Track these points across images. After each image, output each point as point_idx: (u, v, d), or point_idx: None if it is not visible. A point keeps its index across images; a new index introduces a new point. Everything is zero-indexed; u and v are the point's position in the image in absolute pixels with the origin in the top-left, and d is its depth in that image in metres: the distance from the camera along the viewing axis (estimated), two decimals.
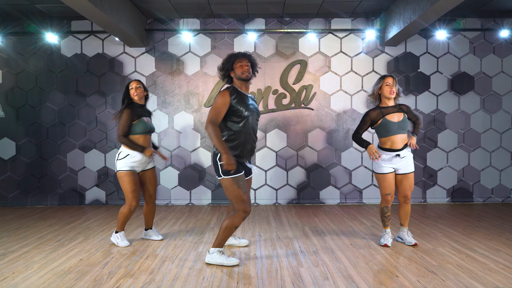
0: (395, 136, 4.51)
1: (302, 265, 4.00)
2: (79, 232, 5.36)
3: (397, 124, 4.50)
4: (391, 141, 4.53)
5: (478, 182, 7.50)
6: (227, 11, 7.04)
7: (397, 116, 4.53)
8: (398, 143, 4.51)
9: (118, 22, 6.00)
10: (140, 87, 4.78)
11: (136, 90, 4.74)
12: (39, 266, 3.98)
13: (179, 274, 3.75)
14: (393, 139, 4.52)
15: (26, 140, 7.40)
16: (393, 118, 4.52)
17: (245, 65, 4.01)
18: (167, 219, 6.20)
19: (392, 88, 4.53)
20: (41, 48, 7.36)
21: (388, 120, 4.51)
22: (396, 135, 4.50)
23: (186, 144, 7.41)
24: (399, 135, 4.51)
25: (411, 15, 6.00)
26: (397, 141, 4.51)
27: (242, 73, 3.99)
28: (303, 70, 7.36)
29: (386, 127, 4.52)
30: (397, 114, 4.54)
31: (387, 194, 4.59)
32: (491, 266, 3.91)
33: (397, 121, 4.51)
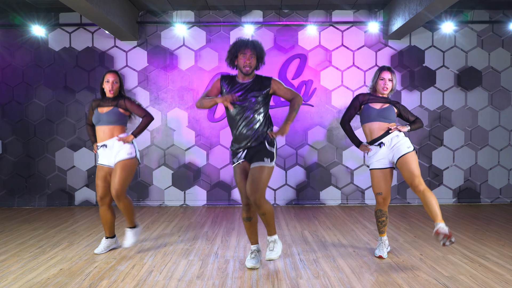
0: (373, 123, 4.17)
1: (302, 276, 3.67)
2: (63, 237, 5.03)
3: (377, 110, 4.17)
4: (369, 130, 4.21)
5: (486, 182, 7.18)
6: (222, 3, 6.70)
7: (380, 104, 4.21)
8: (375, 131, 4.17)
9: (106, 14, 5.66)
10: (117, 82, 4.37)
11: (112, 86, 4.34)
12: (14, 277, 3.65)
13: (166, 286, 3.42)
14: (371, 126, 4.19)
15: (13, 138, 7.07)
16: (376, 105, 4.21)
17: (247, 58, 3.81)
18: (159, 222, 5.88)
19: (386, 84, 4.20)
20: (28, 42, 7.02)
21: (370, 106, 4.22)
22: (374, 122, 4.17)
23: (180, 142, 7.08)
24: (378, 123, 4.16)
25: (417, 7, 5.68)
26: (374, 129, 4.17)
27: (243, 67, 3.83)
28: (302, 64, 7.02)
29: (366, 113, 4.23)
30: (381, 103, 4.22)
31: (377, 193, 4.20)
32: (508, 278, 3.57)
33: (378, 108, 4.19)
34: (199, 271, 3.81)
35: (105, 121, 4.32)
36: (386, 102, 4.23)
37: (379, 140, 4.15)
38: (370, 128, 4.21)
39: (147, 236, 5.08)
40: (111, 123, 4.33)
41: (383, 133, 4.16)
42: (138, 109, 4.44)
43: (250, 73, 3.88)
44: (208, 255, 4.31)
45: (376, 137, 4.17)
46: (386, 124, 4.17)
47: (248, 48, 3.82)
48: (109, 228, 4.44)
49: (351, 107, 4.37)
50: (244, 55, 3.81)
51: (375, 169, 4.21)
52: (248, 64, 3.81)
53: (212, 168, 7.10)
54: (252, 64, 3.84)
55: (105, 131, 4.33)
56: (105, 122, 4.32)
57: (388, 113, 4.18)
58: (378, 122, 4.17)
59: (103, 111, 4.34)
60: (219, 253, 4.36)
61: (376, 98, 4.27)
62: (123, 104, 4.37)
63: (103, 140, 4.34)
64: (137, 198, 7.09)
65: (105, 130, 4.33)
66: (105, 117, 4.32)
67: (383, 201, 4.20)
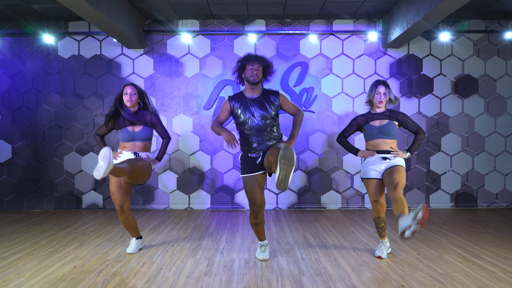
0: (376, 140, 4.38)
1: (304, 273, 3.86)
2: (74, 238, 5.22)
3: (377, 128, 4.38)
4: (372, 145, 4.42)
5: (483, 187, 7.37)
6: (227, 12, 6.92)
7: (379, 121, 4.41)
8: (379, 146, 4.37)
9: (115, 23, 5.88)
10: (135, 93, 4.53)
11: (130, 97, 4.50)
12: (31, 273, 3.84)
13: (176, 282, 3.61)
14: (374, 143, 4.40)
15: (22, 143, 7.27)
16: (375, 122, 4.42)
17: (255, 69, 4.10)
18: (165, 224, 6.06)
19: (381, 98, 4.40)
20: (38, 49, 7.24)
21: (370, 124, 4.43)
22: (376, 140, 4.38)
23: (185, 147, 7.28)
24: (381, 140, 4.36)
25: (415, 17, 5.88)
26: (378, 144, 4.37)
27: (250, 76, 4.09)
28: (304, 72, 7.23)
29: (367, 131, 4.46)
30: (380, 120, 4.42)
31: (374, 201, 4.37)
32: (500, 275, 3.76)
33: (378, 125, 4.39)
34: (207, 268, 4.00)
35: (141, 137, 4.51)
36: (385, 118, 4.41)
37: (385, 154, 4.34)
38: (373, 144, 4.42)
39: (155, 237, 5.27)
40: (146, 139, 4.56)
41: (388, 149, 4.35)
42: (162, 129, 4.68)
43: (257, 83, 4.13)
44: (214, 254, 4.50)
45: (381, 150, 4.36)
46: (391, 142, 4.37)
47: (257, 61, 4.12)
48: (135, 231, 4.64)
49: (349, 126, 4.60)
50: (252, 66, 4.10)
51: (370, 179, 4.39)
52: (255, 74, 4.10)
53: (216, 172, 7.29)
54: (259, 76, 4.12)
55: (138, 145, 4.50)
56: (141, 139, 4.51)
57: (388, 129, 4.37)
58: (380, 139, 4.37)
59: (136, 130, 4.51)
60: (225, 253, 4.55)
61: (374, 115, 4.46)
62: (150, 120, 4.58)
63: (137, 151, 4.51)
64: (143, 202, 7.27)
65: (139, 144, 4.51)
66: (140, 135, 4.50)
67: (381, 208, 4.37)
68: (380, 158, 4.35)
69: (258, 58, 4.14)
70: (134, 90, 4.54)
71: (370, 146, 4.46)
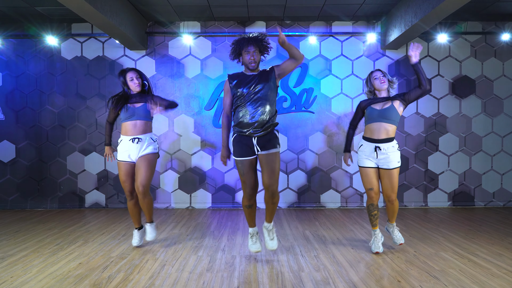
0: (374, 123, 4.40)
1: (303, 269, 3.96)
2: (78, 236, 5.33)
3: (378, 111, 4.39)
4: (370, 129, 4.44)
5: (480, 186, 7.47)
6: (227, 14, 7.02)
7: (381, 105, 4.44)
8: (376, 132, 4.38)
9: (118, 25, 5.99)
10: (139, 77, 4.71)
11: (137, 81, 4.67)
12: (37, 270, 3.95)
13: (179, 278, 3.72)
14: (372, 127, 4.42)
15: (26, 143, 7.38)
16: (377, 105, 4.45)
17: (251, 55, 4.08)
18: (167, 223, 6.16)
19: (381, 79, 4.44)
20: (41, 51, 7.34)
21: (371, 107, 4.46)
22: (375, 123, 4.39)
23: (187, 147, 7.39)
24: (379, 124, 4.37)
25: (413, 18, 5.98)
26: (375, 129, 4.38)
27: (248, 63, 4.12)
28: (304, 73, 7.33)
29: (368, 114, 4.48)
30: (382, 103, 4.45)
31: (369, 189, 4.45)
32: (494, 271, 3.87)
33: (379, 108, 4.42)
34: (208, 265, 4.11)
35: (141, 115, 4.62)
36: (387, 101, 4.44)
37: (378, 143, 4.37)
38: (371, 128, 4.44)
39: (157, 235, 5.35)
40: (146, 118, 4.66)
41: (383, 138, 4.37)
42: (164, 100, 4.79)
43: (255, 68, 4.18)
44: (215, 251, 4.60)
45: (376, 138, 4.38)
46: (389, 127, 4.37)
47: (251, 45, 4.08)
48: (138, 220, 4.83)
49: (356, 112, 4.67)
50: (247, 52, 4.10)
51: (365, 167, 4.49)
52: (252, 60, 4.11)
53: (217, 172, 7.40)
54: (256, 59, 4.13)
55: (138, 125, 4.62)
56: (140, 117, 4.62)
57: (389, 113, 4.36)
58: (379, 123, 4.38)
59: (136, 105, 4.65)
60: (226, 250, 4.65)
61: (376, 99, 4.51)
62: (152, 100, 4.66)
63: (136, 134, 4.61)
64: None
65: (138, 124, 4.62)
66: (142, 112, 4.63)
67: (374, 195, 4.45)
68: (373, 147, 4.39)
69: (252, 40, 4.07)
70: (136, 74, 4.70)
71: (367, 130, 4.47)
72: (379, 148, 4.37)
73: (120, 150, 4.66)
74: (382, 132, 4.38)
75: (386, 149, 4.36)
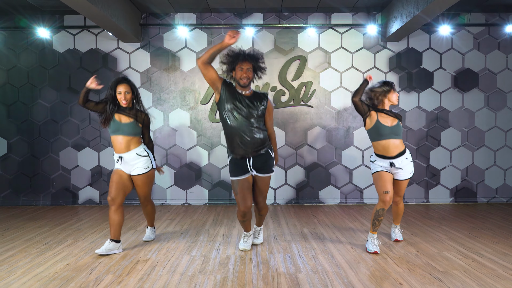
0: (387, 141, 4.34)
1: (300, 271, 3.79)
2: (68, 234, 5.15)
3: (390, 128, 4.34)
4: (382, 146, 4.37)
5: (482, 182, 7.29)
6: (224, 5, 6.82)
7: (390, 121, 4.39)
8: (391, 149, 4.35)
9: (110, 16, 5.79)
10: (129, 92, 4.40)
11: (125, 97, 4.37)
12: (22, 271, 3.78)
13: (169, 280, 3.55)
14: (385, 144, 4.35)
15: (18, 138, 7.20)
16: (387, 122, 4.38)
17: (245, 71, 3.97)
18: (162, 220, 6.00)
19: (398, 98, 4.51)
20: (33, 44, 7.14)
21: (381, 123, 4.36)
22: (388, 140, 4.34)
23: (182, 142, 7.21)
24: (391, 140, 4.34)
25: (414, 9, 5.79)
26: (386, 147, 4.35)
27: (240, 79, 4.00)
28: (302, 66, 7.14)
29: (378, 130, 4.37)
30: (391, 119, 4.41)
31: (385, 192, 4.30)
32: (500, 272, 3.70)
33: (390, 125, 4.36)
34: (201, 266, 3.94)
35: (125, 132, 4.38)
36: (394, 117, 4.41)
37: (392, 159, 4.36)
38: (382, 145, 4.37)
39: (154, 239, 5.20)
40: (130, 135, 4.41)
41: (397, 154, 4.35)
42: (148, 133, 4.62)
43: (247, 85, 4.07)
44: (209, 251, 4.43)
45: (391, 155, 4.35)
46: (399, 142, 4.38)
47: (246, 61, 3.97)
48: (116, 231, 4.38)
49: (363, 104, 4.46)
50: (241, 68, 3.98)
51: (382, 171, 4.39)
52: (245, 77, 3.99)
53: (213, 167, 7.22)
54: (249, 77, 4.02)
55: (122, 142, 4.38)
56: (125, 133, 4.38)
57: (398, 129, 4.39)
58: (392, 140, 4.34)
59: (124, 121, 4.39)
60: (221, 249, 4.48)
61: (383, 110, 4.42)
62: (142, 120, 4.48)
63: (120, 152, 4.40)
64: None
65: (123, 141, 4.38)
66: (126, 128, 4.38)
67: (389, 200, 4.30)
68: (388, 163, 4.39)
69: (248, 57, 3.99)
70: (128, 88, 4.40)
71: (379, 147, 4.40)
72: (393, 164, 4.38)
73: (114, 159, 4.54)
74: (394, 149, 4.37)
75: (401, 163, 4.39)
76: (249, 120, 4.03)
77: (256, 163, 4.16)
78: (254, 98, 4.12)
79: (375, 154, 4.48)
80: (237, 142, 4.06)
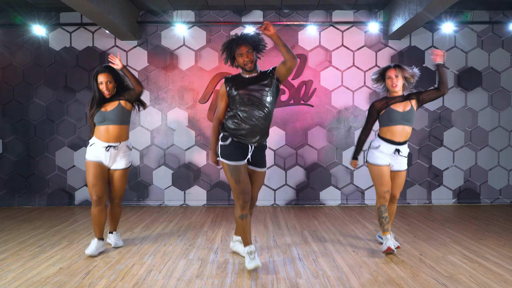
0: (397, 126, 4.23)
1: (301, 275, 3.67)
2: (63, 236, 5.03)
3: (402, 114, 4.21)
4: (391, 132, 4.25)
5: (486, 183, 7.18)
6: (223, 3, 6.70)
7: (402, 106, 4.25)
8: (398, 135, 4.24)
9: (106, 13, 5.66)
10: (111, 81, 4.20)
11: (106, 86, 4.18)
12: (14, 276, 3.65)
13: (165, 286, 3.42)
14: (394, 129, 4.24)
15: (13, 138, 7.07)
16: (398, 107, 4.25)
17: (245, 55, 3.80)
18: (159, 221, 5.88)
19: (393, 81, 4.24)
20: (28, 41, 7.02)
21: (392, 108, 4.24)
22: (398, 126, 4.23)
23: (180, 142, 7.08)
24: (402, 127, 4.23)
25: (417, 7, 5.68)
26: (398, 132, 4.24)
27: (244, 65, 3.83)
28: (302, 64, 7.02)
29: (389, 116, 4.25)
30: (403, 104, 4.26)
31: (386, 191, 4.26)
32: (507, 277, 3.58)
33: (402, 110, 4.23)
34: (199, 270, 3.81)
35: (112, 120, 4.20)
36: (406, 102, 4.25)
37: (398, 145, 4.25)
38: (392, 131, 4.25)
39: (147, 236, 5.08)
40: (119, 123, 4.24)
41: (404, 141, 4.26)
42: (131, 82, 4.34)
43: (254, 68, 3.88)
44: (207, 254, 4.31)
45: (398, 141, 4.24)
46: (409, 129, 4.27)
47: (242, 45, 3.79)
48: (101, 230, 4.31)
49: (369, 117, 4.41)
50: (241, 54, 3.81)
51: (382, 166, 4.27)
52: (248, 61, 3.81)
53: (212, 168, 7.10)
54: (252, 59, 3.83)
55: (111, 130, 4.21)
56: (112, 122, 4.21)
57: (411, 116, 4.25)
58: (401, 126, 4.23)
59: (108, 109, 4.22)
60: (219, 253, 4.36)
61: (394, 99, 4.28)
62: (123, 96, 4.28)
63: (110, 141, 4.22)
64: (137, 198, 7.09)
65: (112, 129, 4.22)
66: (112, 116, 4.20)
67: (388, 196, 4.29)
68: (394, 149, 4.25)
69: (242, 40, 3.78)
70: (109, 78, 4.19)
71: (388, 132, 4.27)
72: (399, 150, 4.26)
73: (91, 152, 4.25)
74: (404, 135, 4.28)
75: (403, 151, 4.30)
76: (261, 102, 3.80)
77: (254, 155, 3.93)
78: (262, 76, 3.90)
79: (380, 137, 4.33)
80: (246, 126, 3.79)
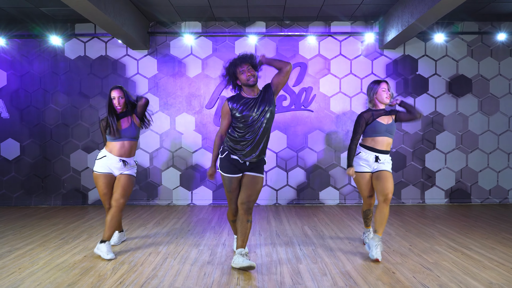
0: (380, 137, 4.47)
1: (301, 262, 4.10)
2: (82, 231, 5.46)
3: (385, 126, 4.46)
4: (375, 141, 4.48)
5: (476, 183, 7.59)
6: (228, 15, 7.15)
7: (386, 119, 4.52)
8: (380, 144, 4.46)
9: (121, 25, 6.12)
10: (122, 97, 4.51)
11: (119, 102, 4.49)
12: (44, 262, 4.08)
13: (181, 270, 3.85)
14: (378, 139, 4.47)
15: (30, 141, 7.51)
16: (383, 120, 4.51)
17: (247, 71, 3.99)
18: (169, 218, 6.29)
19: (387, 93, 4.52)
20: (45, 51, 7.48)
21: (378, 121, 4.49)
22: (382, 137, 4.46)
23: (188, 145, 7.52)
24: (385, 138, 4.46)
25: (409, 18, 6.10)
26: (380, 142, 4.46)
27: (247, 80, 3.99)
28: (303, 72, 7.46)
29: (375, 128, 4.48)
30: (387, 117, 4.53)
31: (368, 197, 4.57)
32: (486, 264, 4.00)
33: (386, 123, 4.49)
34: (209, 257, 4.24)
35: (128, 137, 4.53)
36: (389, 116, 4.53)
37: (378, 153, 4.45)
38: (376, 140, 4.48)
39: (159, 230, 5.50)
40: (133, 139, 4.58)
41: (384, 150, 4.47)
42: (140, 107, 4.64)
43: (256, 83, 4.04)
44: (216, 245, 4.74)
45: (379, 149, 4.46)
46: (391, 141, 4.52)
47: (242, 63, 4.01)
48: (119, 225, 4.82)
49: (358, 127, 4.55)
50: (242, 71, 4.00)
51: (362, 173, 4.52)
52: (250, 75, 3.99)
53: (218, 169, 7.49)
54: (253, 74, 4.01)
55: (126, 146, 4.52)
56: (127, 138, 4.53)
57: (393, 128, 4.51)
58: (384, 137, 4.46)
59: (124, 126, 4.53)
60: (226, 244, 4.78)
61: (379, 112, 4.52)
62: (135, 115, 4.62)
63: (123, 155, 4.53)
64: (146, 198, 7.51)
65: (127, 145, 4.53)
66: (128, 133, 4.52)
67: (372, 201, 4.62)
68: (374, 156, 4.47)
69: (242, 59, 4.04)
70: (121, 93, 4.51)
71: (371, 141, 4.49)
72: (378, 158, 4.45)
73: (102, 164, 4.53)
74: (385, 144, 4.48)
75: (383, 160, 4.46)
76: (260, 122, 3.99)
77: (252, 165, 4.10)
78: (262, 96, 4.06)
79: (362, 145, 4.58)
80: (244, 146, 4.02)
